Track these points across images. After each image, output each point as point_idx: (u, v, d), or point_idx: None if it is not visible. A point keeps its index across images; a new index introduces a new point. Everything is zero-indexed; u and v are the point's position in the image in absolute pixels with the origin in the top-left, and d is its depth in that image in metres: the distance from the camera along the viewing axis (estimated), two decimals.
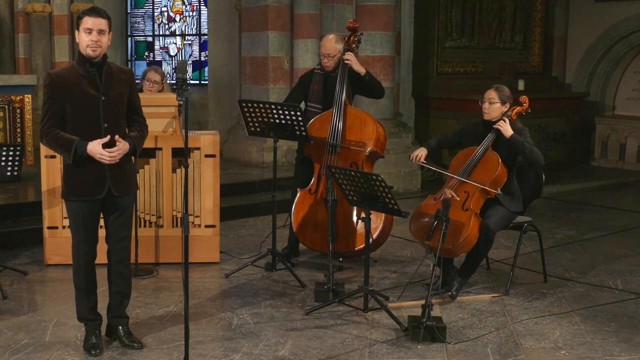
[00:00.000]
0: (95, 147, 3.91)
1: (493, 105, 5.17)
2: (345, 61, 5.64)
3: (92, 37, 3.92)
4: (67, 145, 3.91)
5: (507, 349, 4.27)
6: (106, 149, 3.92)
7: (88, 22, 3.93)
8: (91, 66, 3.97)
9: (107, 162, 3.94)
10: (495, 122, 5.14)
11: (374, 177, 4.51)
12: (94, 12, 3.96)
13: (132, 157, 4.17)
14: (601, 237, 7.00)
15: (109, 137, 3.95)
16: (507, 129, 5.06)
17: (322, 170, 5.63)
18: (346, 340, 4.37)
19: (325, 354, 4.17)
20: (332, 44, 5.72)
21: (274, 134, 5.49)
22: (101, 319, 4.24)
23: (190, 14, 11.92)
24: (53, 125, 3.95)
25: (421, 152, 5.31)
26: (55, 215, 5.70)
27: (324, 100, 5.75)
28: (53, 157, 5.60)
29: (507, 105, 5.19)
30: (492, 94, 5.19)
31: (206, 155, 5.81)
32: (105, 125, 3.98)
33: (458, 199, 5.02)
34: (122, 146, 3.98)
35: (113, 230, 4.15)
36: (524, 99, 5.30)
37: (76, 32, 4.00)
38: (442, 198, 5.04)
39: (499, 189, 5.06)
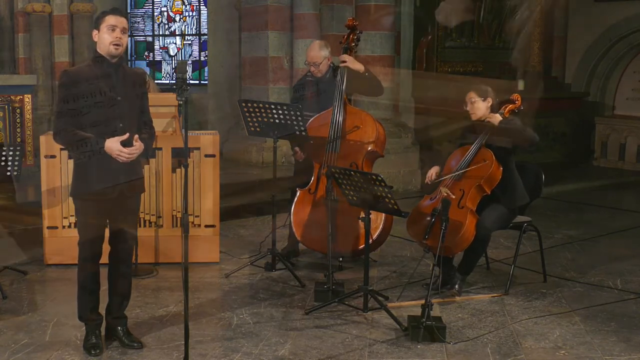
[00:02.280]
0: (113, 144, 3.92)
1: (475, 104, 5.17)
2: (342, 64, 5.63)
3: (115, 34, 3.94)
4: (83, 143, 3.92)
5: (507, 349, 4.27)
6: (125, 148, 3.93)
7: (111, 19, 3.96)
8: (108, 66, 3.99)
9: (124, 160, 3.94)
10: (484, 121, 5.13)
11: (374, 177, 4.51)
12: (117, 11, 4.03)
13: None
14: (601, 237, 6.99)
15: (127, 134, 3.95)
16: (495, 117, 5.04)
17: (322, 170, 5.63)
18: (346, 340, 4.37)
19: (325, 354, 4.17)
20: (316, 52, 5.72)
21: (273, 134, 5.49)
22: (102, 318, 4.24)
23: (190, 14, 11.91)
24: (68, 122, 3.95)
25: (432, 172, 5.29)
26: (55, 215, 5.70)
27: (319, 108, 5.74)
28: (53, 157, 5.61)
29: (489, 99, 5.17)
30: (470, 95, 5.20)
31: (206, 155, 5.81)
32: (120, 125, 3.99)
33: (454, 197, 5.02)
34: (139, 146, 3.99)
35: (120, 231, 4.15)
36: (515, 96, 5.28)
37: (94, 32, 4.01)
38: (438, 197, 5.04)
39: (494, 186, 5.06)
